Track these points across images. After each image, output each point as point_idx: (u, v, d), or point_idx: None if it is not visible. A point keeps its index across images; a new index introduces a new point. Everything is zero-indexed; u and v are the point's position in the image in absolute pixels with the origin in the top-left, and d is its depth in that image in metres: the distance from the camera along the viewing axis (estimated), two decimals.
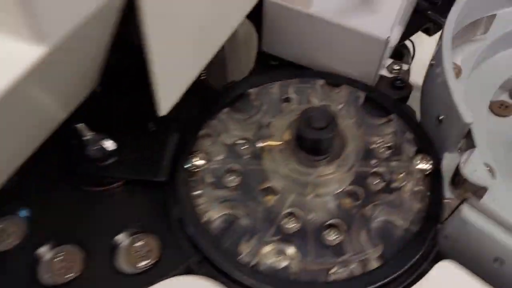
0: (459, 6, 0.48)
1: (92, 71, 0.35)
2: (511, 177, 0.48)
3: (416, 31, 0.60)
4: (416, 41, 0.61)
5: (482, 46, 0.54)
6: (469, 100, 0.51)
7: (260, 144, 0.38)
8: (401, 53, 0.54)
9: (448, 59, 0.44)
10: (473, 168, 0.40)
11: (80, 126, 0.39)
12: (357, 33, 0.43)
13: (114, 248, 0.37)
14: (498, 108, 0.54)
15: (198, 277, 0.35)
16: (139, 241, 0.38)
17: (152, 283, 0.35)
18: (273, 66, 0.51)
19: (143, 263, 0.36)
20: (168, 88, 0.35)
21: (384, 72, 0.51)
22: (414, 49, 0.69)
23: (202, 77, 0.53)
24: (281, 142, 0.37)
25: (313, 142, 0.36)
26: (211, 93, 0.47)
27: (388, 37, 0.42)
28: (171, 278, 0.35)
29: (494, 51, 0.56)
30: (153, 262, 0.36)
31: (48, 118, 0.34)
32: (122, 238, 0.38)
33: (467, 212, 0.35)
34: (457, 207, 0.36)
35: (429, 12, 0.62)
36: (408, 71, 0.53)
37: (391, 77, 0.49)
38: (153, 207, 0.39)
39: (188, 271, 0.36)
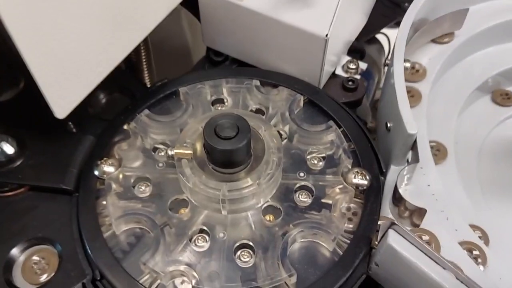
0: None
1: None
2: (483, 191, 0.44)
3: (386, 24, 0.55)
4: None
5: (453, 45, 0.48)
6: (438, 104, 0.47)
7: (170, 152, 0.34)
8: (361, 51, 0.48)
9: (399, 58, 0.39)
10: (411, 183, 0.36)
11: None
12: (294, 29, 0.38)
13: (9, 262, 0.34)
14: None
15: None
16: (36, 254, 0.34)
17: None
18: (217, 62, 0.47)
19: (39, 278, 0.33)
20: (59, 94, 0.32)
21: (339, 71, 0.46)
22: (390, 45, 0.64)
23: (145, 69, 0.49)
24: (190, 152, 0.33)
25: (221, 153, 0.31)
26: (140, 91, 0.43)
27: (327, 34, 0.37)
28: None
29: (468, 52, 0.50)
30: (48, 278, 0.33)
31: None
32: (18, 251, 0.34)
33: (393, 238, 0.30)
34: (386, 231, 0.31)
35: (406, 4, 0.56)
36: (368, 68, 0.48)
37: (343, 78, 0.44)
38: (58, 217, 0.36)
39: None
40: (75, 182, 0.36)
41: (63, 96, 0.33)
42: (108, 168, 0.36)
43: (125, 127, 0.39)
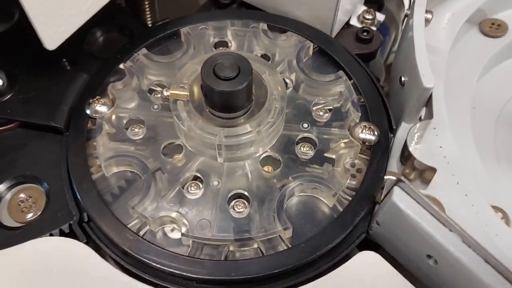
0: None
1: None
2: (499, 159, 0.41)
3: None
4: None
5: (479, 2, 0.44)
6: (456, 67, 0.43)
7: (166, 93, 0.32)
8: (380, 1, 0.45)
9: (421, 7, 0.36)
10: (421, 142, 0.33)
11: None
12: None
13: None
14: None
15: (70, 240, 0.30)
16: (23, 192, 0.33)
17: (27, 240, 0.30)
18: (224, 4, 0.44)
19: (25, 217, 0.32)
20: (49, 23, 0.30)
21: (354, 22, 0.43)
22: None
23: (148, 8, 0.46)
24: (186, 93, 0.31)
25: (219, 95, 0.29)
26: (139, 31, 0.41)
27: None
28: (40, 239, 0.30)
29: (495, 9, 0.46)
30: (34, 217, 0.32)
31: None
32: (4, 188, 0.33)
33: (398, 196, 0.28)
34: (391, 188, 0.29)
35: None
36: (385, 23, 0.45)
37: (358, 28, 0.41)
38: (47, 156, 0.34)
39: (70, 231, 0.31)
40: (66, 120, 0.34)
41: (53, 25, 0.30)
42: (100, 107, 0.34)
43: (121, 66, 0.36)
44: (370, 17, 0.42)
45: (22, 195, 0.33)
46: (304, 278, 0.29)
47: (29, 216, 0.32)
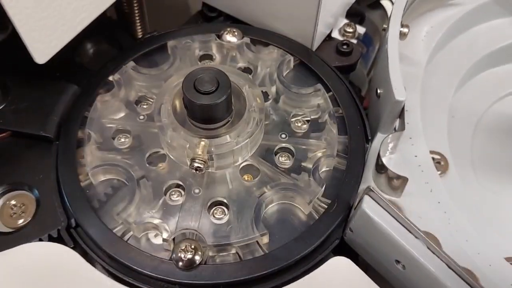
0: None
1: None
2: (475, 167, 0.43)
3: None
4: None
5: (457, 15, 0.46)
6: (436, 76, 0.45)
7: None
8: (361, 14, 0.47)
9: (396, 22, 0.38)
10: (396, 152, 0.34)
11: None
12: None
13: None
14: None
15: (58, 245, 0.31)
16: (14, 199, 0.34)
17: (16, 244, 0.32)
18: (210, 18, 0.46)
19: (16, 222, 0.33)
20: (38, 38, 0.31)
21: (335, 34, 0.44)
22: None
23: (137, 20, 0.48)
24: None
25: (199, 108, 0.31)
26: (128, 43, 0.42)
27: None
28: (28, 245, 0.31)
29: (472, 23, 0.48)
30: (25, 223, 0.33)
31: None
32: None
33: (368, 204, 0.29)
34: (362, 196, 0.31)
35: None
36: (369, 35, 0.46)
37: (339, 41, 0.43)
38: (37, 165, 0.35)
39: (59, 236, 0.33)
40: (56, 130, 0.36)
41: (43, 40, 0.32)
42: (89, 118, 0.36)
43: (110, 78, 0.38)
44: (351, 30, 0.44)
45: (13, 202, 0.34)
46: (280, 282, 0.31)
47: (20, 222, 0.33)
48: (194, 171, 0.32)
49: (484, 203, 0.41)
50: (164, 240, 0.31)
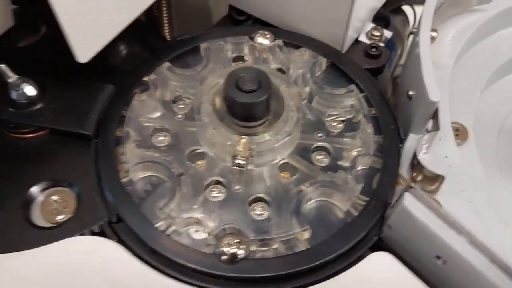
0: None
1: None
2: (500, 169, 0.43)
3: None
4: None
5: (482, 18, 0.47)
6: (461, 79, 0.46)
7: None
8: (386, 19, 0.48)
9: (427, 26, 0.39)
10: (430, 152, 0.35)
11: (2, 67, 0.36)
12: None
13: (29, 199, 0.35)
14: None
15: (103, 239, 0.32)
16: (56, 195, 0.35)
17: (58, 239, 0.32)
18: (239, 21, 0.46)
19: (56, 218, 0.34)
20: (83, 37, 0.32)
21: (362, 38, 0.45)
22: (415, 17, 0.62)
23: (166, 24, 0.49)
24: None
25: (242, 106, 0.31)
26: (160, 45, 0.43)
27: None
28: (72, 238, 0.32)
29: (497, 27, 0.49)
30: (65, 219, 0.34)
31: None
32: (38, 190, 0.35)
33: (409, 201, 0.30)
34: (402, 194, 0.31)
35: None
36: (392, 39, 0.47)
37: (367, 44, 0.44)
38: (76, 162, 0.36)
39: (101, 232, 0.33)
40: (94, 128, 0.37)
41: (86, 40, 0.33)
42: (127, 117, 0.36)
43: (145, 78, 0.39)
44: (378, 34, 0.45)
45: (54, 197, 0.35)
46: (320, 277, 0.31)
47: (61, 217, 0.34)
48: (235, 167, 0.32)
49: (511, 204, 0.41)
50: (206, 234, 0.31)
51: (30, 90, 0.36)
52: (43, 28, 0.43)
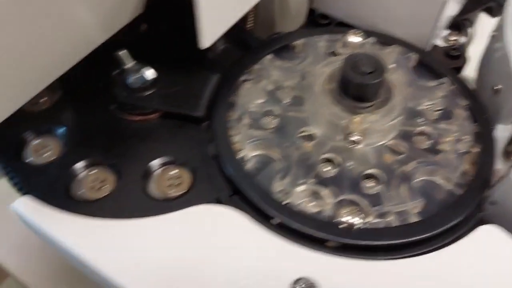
0: None
1: None
2: None
3: (477, 8, 0.57)
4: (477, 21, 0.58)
5: None
6: None
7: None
8: (459, 26, 0.51)
9: (510, 31, 0.42)
10: None
11: (122, 53, 0.39)
12: None
13: (146, 173, 0.37)
14: None
15: (228, 207, 0.34)
16: (172, 171, 0.37)
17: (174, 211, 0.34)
18: (322, 25, 0.50)
19: (173, 191, 0.36)
20: (212, 20, 0.35)
21: (439, 43, 0.48)
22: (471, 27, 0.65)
23: (250, 27, 0.52)
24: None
25: (358, 87, 0.34)
26: (256, 42, 0.46)
27: None
28: (200, 205, 0.34)
29: None
30: (182, 192, 0.36)
31: (85, 36, 0.34)
32: (155, 166, 0.37)
33: None
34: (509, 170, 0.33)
35: None
36: (466, 43, 0.50)
37: (446, 47, 0.47)
38: (188, 142, 0.39)
39: (219, 203, 0.35)
40: (205, 111, 0.40)
41: (213, 23, 0.35)
42: (236, 102, 0.39)
43: (251, 69, 0.42)
44: (454, 38, 0.48)
45: (170, 173, 0.37)
46: (431, 247, 0.33)
47: (177, 191, 0.36)
48: (349, 145, 0.35)
49: None
50: (322, 207, 0.33)
51: (150, 74, 0.39)
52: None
